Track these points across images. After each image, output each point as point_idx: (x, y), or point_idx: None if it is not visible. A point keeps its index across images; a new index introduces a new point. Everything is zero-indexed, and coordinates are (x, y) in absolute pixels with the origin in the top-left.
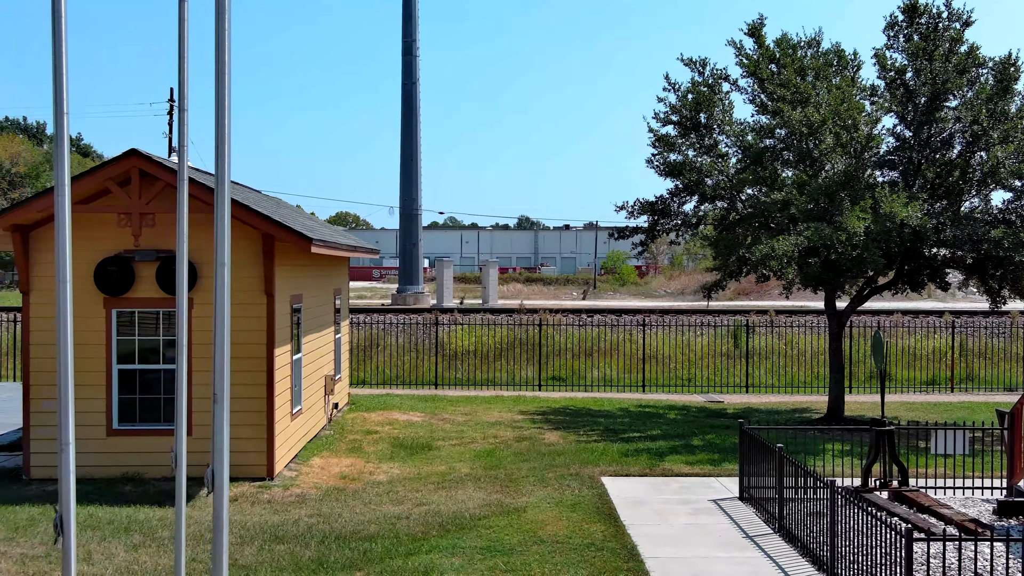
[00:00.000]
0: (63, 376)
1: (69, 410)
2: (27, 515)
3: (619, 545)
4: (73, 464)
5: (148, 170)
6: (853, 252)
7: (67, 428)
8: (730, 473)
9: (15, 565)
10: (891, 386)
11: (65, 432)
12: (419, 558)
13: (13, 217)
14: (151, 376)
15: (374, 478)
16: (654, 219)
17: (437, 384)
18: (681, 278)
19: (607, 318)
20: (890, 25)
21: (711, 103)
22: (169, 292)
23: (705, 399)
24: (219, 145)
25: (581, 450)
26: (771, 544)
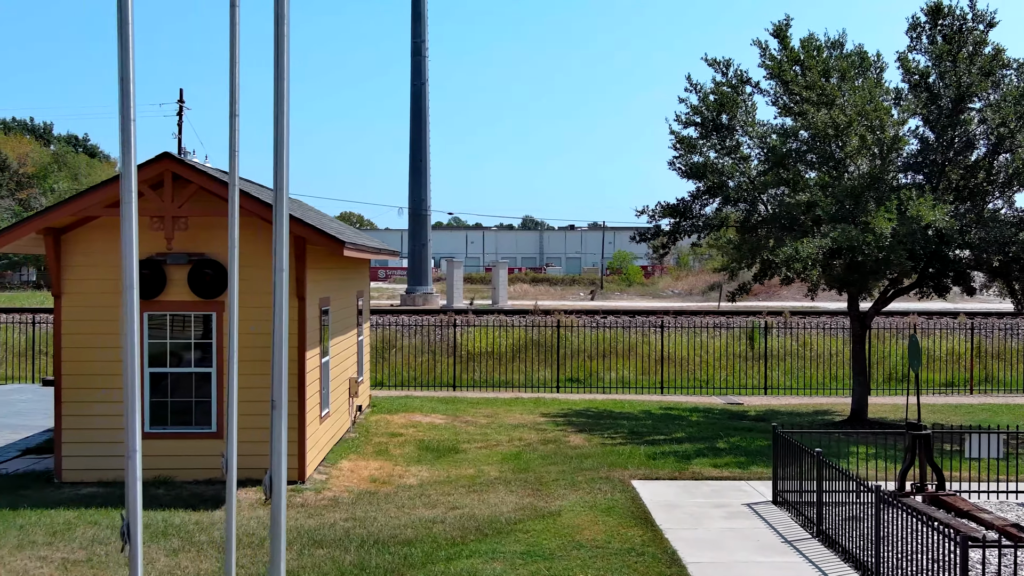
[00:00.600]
0: (129, 383)
1: (135, 417)
2: (63, 519)
3: (659, 550)
4: (139, 471)
5: (181, 173)
6: (879, 254)
7: (134, 435)
8: (759, 476)
9: (58, 570)
10: (909, 388)
11: (132, 439)
12: (460, 563)
13: (46, 220)
14: (181, 379)
15: (404, 481)
16: (676, 221)
17: (455, 386)
18: (688, 278)
19: (620, 319)
20: (912, 27)
21: (734, 104)
22: (201, 295)
23: (725, 401)
24: (277, 155)
25: (607, 453)
26: (811, 549)
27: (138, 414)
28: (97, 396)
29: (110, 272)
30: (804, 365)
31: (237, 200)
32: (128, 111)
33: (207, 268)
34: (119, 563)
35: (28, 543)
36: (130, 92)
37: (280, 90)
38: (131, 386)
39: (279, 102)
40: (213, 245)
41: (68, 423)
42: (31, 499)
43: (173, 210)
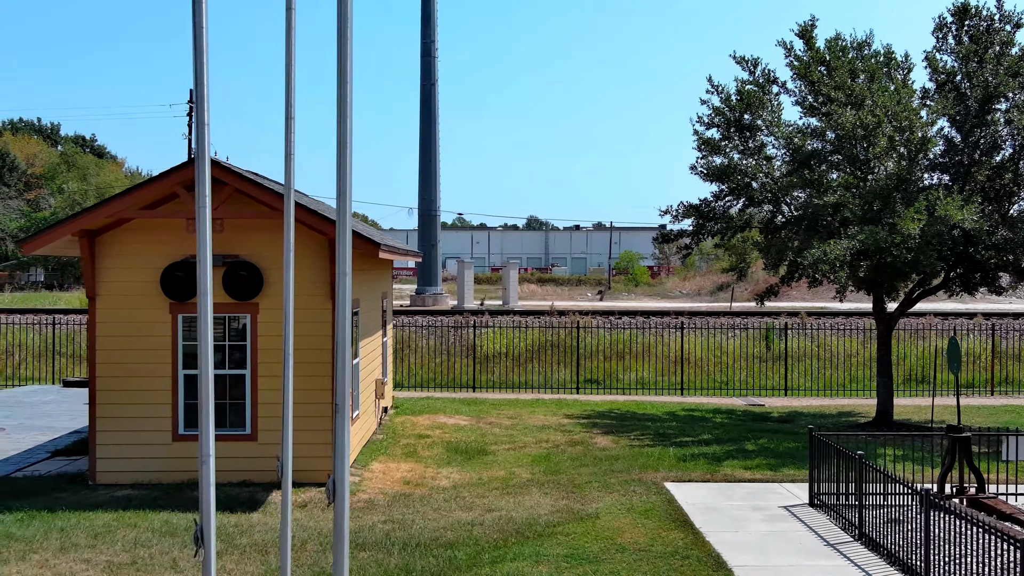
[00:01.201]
0: (204, 388)
1: (210, 422)
2: (102, 522)
3: (703, 553)
4: (213, 476)
5: (216, 175)
6: (908, 255)
7: (208, 439)
8: (792, 479)
9: (103, 573)
10: (927, 389)
11: (206, 444)
12: (505, 566)
13: (82, 222)
14: (216, 381)
15: (437, 483)
16: (699, 222)
17: (475, 387)
18: (696, 279)
19: (635, 320)
20: (939, 27)
21: (761, 103)
22: (235, 297)
23: (746, 402)
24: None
25: (637, 455)
26: (854, 552)
27: (211, 419)
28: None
29: (144, 274)
30: (822, 366)
31: (292, 201)
32: (202, 115)
33: (242, 270)
34: (164, 566)
35: (71, 545)
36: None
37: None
38: (205, 391)
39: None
40: (248, 247)
41: (102, 425)
42: (68, 501)
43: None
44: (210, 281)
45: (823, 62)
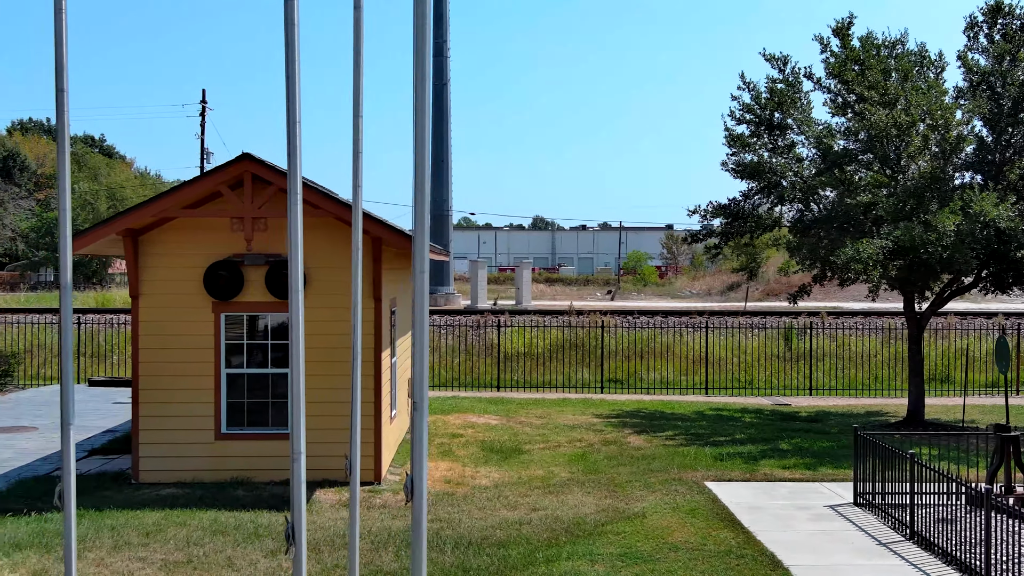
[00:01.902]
0: (295, 388)
1: (301, 421)
2: (152, 520)
3: (756, 552)
4: (304, 473)
5: (260, 174)
6: (943, 253)
7: (299, 437)
8: (832, 478)
9: (160, 571)
10: (950, 388)
11: (297, 442)
12: (560, 565)
13: (126, 221)
14: (258, 380)
15: (477, 482)
16: (727, 221)
17: (499, 386)
18: (705, 279)
19: (653, 319)
20: (970, 26)
21: (792, 101)
22: (278, 296)
23: (772, 402)
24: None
25: (672, 454)
26: (908, 551)
27: (303, 416)
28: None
29: (187, 273)
30: (844, 366)
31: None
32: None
33: (285, 269)
34: (219, 564)
35: (123, 544)
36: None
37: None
38: (296, 390)
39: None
40: None
41: (145, 424)
42: (114, 500)
43: (253, 211)
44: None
45: (857, 60)
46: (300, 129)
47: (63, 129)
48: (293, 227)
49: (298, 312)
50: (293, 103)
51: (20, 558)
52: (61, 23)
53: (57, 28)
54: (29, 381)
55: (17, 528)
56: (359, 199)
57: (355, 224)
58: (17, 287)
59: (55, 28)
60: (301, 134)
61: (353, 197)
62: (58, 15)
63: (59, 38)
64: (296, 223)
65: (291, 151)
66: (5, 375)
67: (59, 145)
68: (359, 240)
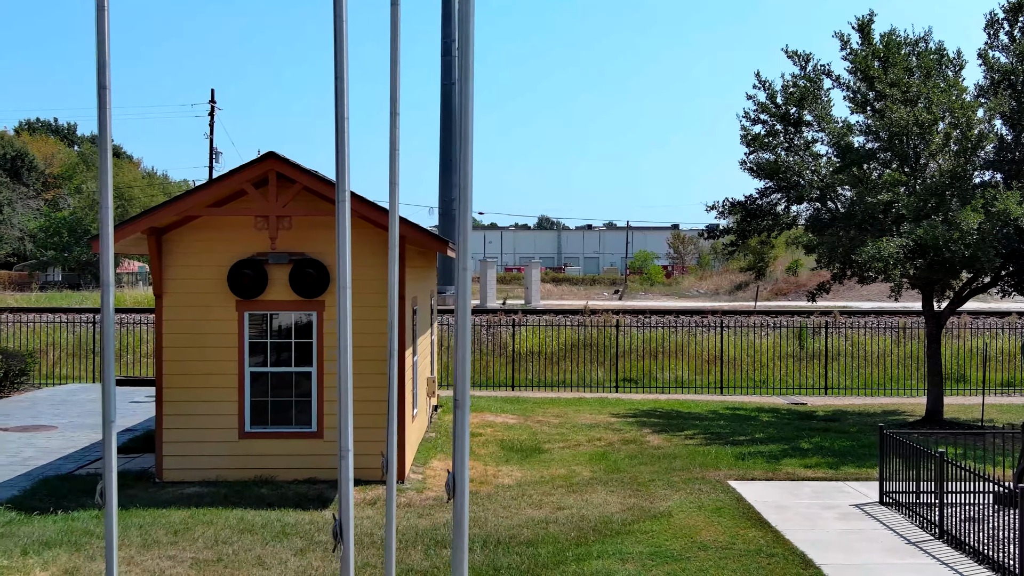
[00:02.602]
0: (343, 387)
1: (348, 419)
2: (179, 518)
3: (787, 551)
4: (351, 471)
5: (285, 172)
6: (966, 251)
7: (347, 435)
8: (855, 477)
9: (192, 569)
10: (966, 388)
11: (345, 439)
12: (591, 564)
13: (151, 220)
14: (280, 379)
15: (500, 481)
16: (745, 219)
17: (513, 386)
18: (713, 278)
19: (665, 319)
20: (990, 23)
21: (814, 98)
22: (302, 295)
23: (788, 401)
24: (463, 168)
25: (693, 453)
26: (938, 550)
27: (350, 415)
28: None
29: (211, 272)
30: (859, 365)
31: (397, 202)
32: (343, 120)
33: (310, 268)
34: (249, 563)
35: (152, 542)
36: (344, 99)
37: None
38: (344, 387)
39: (464, 119)
40: (315, 244)
41: (169, 423)
42: (139, 499)
43: (277, 209)
44: (348, 273)
45: (880, 57)
46: (347, 133)
47: (105, 126)
48: (341, 229)
49: (346, 311)
50: (341, 106)
51: (50, 556)
52: (103, 21)
53: (99, 26)
54: (44, 380)
55: (45, 527)
56: (396, 198)
57: (392, 225)
58: (27, 287)
59: (97, 26)
60: (349, 139)
61: (390, 196)
62: (100, 13)
63: (101, 36)
64: (344, 224)
65: (339, 155)
66: (22, 374)
67: (101, 143)
68: (395, 238)
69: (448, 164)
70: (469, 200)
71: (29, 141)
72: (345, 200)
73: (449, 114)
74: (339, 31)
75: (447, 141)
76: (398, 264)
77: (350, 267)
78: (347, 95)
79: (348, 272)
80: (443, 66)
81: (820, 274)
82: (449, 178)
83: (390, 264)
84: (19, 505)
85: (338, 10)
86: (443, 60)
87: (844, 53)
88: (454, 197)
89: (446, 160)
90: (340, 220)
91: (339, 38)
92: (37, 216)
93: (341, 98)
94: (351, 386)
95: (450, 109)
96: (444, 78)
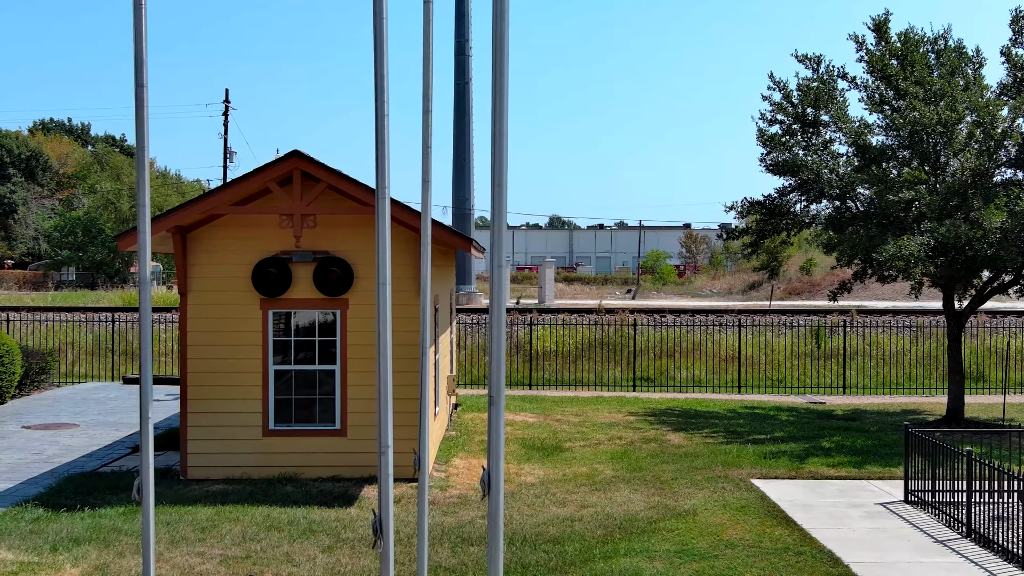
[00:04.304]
0: (383, 384)
1: (388, 416)
2: (205, 516)
3: (815, 549)
4: (391, 467)
5: (309, 171)
6: (988, 251)
7: (387, 432)
8: (879, 476)
9: (221, 566)
10: (985, 387)
11: (385, 436)
12: (619, 561)
13: (177, 218)
14: (305, 377)
15: (523, 480)
16: (764, 218)
17: (531, 384)
18: (725, 277)
19: (680, 318)
20: (1015, 20)
21: (830, 99)
22: (325, 293)
23: (806, 400)
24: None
25: (714, 452)
26: (967, 549)
27: (390, 411)
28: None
29: (235, 270)
30: (876, 364)
31: (429, 200)
32: (383, 118)
33: (333, 266)
34: (278, 559)
35: (180, 539)
36: (384, 96)
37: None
38: (384, 384)
39: (498, 120)
40: (339, 243)
41: (194, 420)
42: (164, 496)
43: (302, 208)
44: (388, 269)
45: (898, 56)
46: (387, 131)
47: (143, 123)
48: (381, 225)
49: (386, 308)
50: (381, 103)
51: (80, 553)
52: (141, 19)
53: (136, 25)
54: (63, 379)
55: (73, 524)
56: (428, 196)
57: (424, 223)
58: (42, 286)
59: (134, 25)
60: (388, 137)
61: (423, 193)
62: (137, 11)
63: (138, 35)
64: (384, 220)
65: (379, 153)
66: (42, 372)
67: (138, 140)
68: (427, 235)
69: (461, 164)
70: (504, 199)
71: (43, 141)
72: (385, 197)
73: (462, 114)
74: (379, 28)
75: (460, 141)
76: (430, 262)
77: (389, 264)
78: (387, 92)
79: (388, 269)
80: (456, 66)
81: (836, 273)
82: (462, 178)
83: (422, 262)
84: (46, 502)
85: (378, 7)
86: (456, 60)
87: (860, 54)
88: (467, 197)
89: (459, 160)
90: (380, 217)
91: (379, 36)
92: (51, 216)
93: (381, 96)
94: (391, 382)
95: (463, 109)
96: (458, 78)
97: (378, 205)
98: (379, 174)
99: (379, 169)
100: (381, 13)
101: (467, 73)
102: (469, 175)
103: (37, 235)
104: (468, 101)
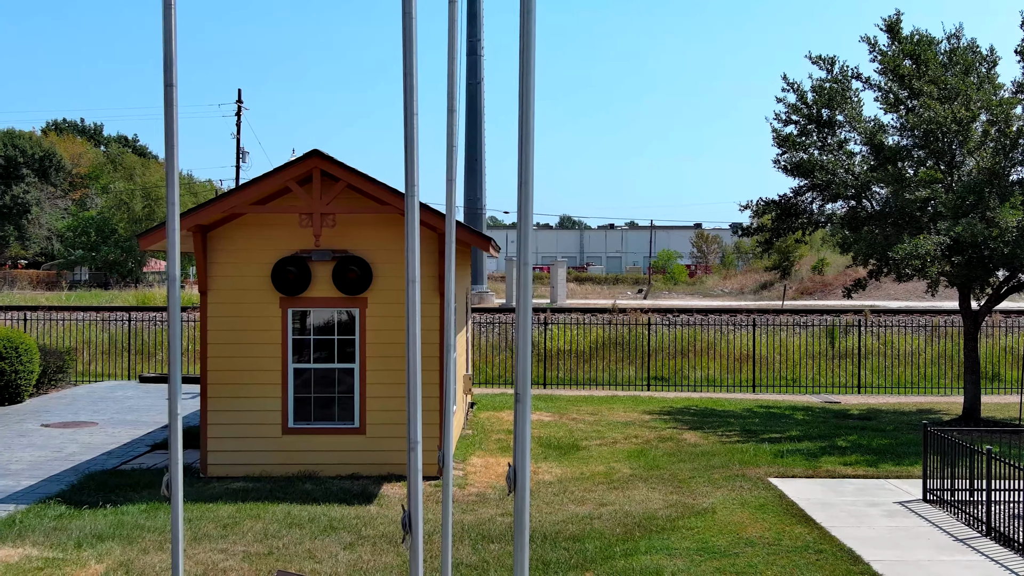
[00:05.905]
0: (412, 381)
1: (418, 412)
2: (225, 513)
3: (835, 548)
4: (420, 463)
5: (329, 170)
6: (1005, 249)
7: (416, 428)
8: (896, 475)
9: (244, 562)
10: (1000, 386)
11: (414, 432)
12: (639, 559)
13: (198, 218)
14: (324, 375)
15: (540, 478)
16: (779, 218)
17: (545, 384)
18: (737, 277)
19: (693, 317)
20: None
21: (844, 99)
22: (345, 292)
23: (821, 400)
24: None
25: (730, 451)
26: (987, 547)
27: (419, 409)
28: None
29: (255, 269)
30: (891, 364)
31: (454, 201)
32: (411, 116)
33: (352, 265)
34: (300, 556)
35: (203, 536)
36: (413, 95)
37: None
38: (413, 381)
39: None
40: (357, 242)
41: (214, 418)
42: (186, 494)
43: (321, 207)
44: (418, 279)
45: (911, 55)
46: (416, 129)
47: (172, 122)
48: (410, 224)
49: (415, 306)
50: (411, 101)
51: (104, 549)
52: (170, 20)
53: (166, 26)
54: (79, 378)
55: (96, 520)
56: (452, 194)
57: (448, 222)
58: (56, 286)
59: (164, 25)
60: (417, 135)
61: (447, 192)
62: (167, 11)
63: (168, 36)
64: (413, 219)
65: (408, 152)
66: (59, 371)
67: (167, 139)
68: (452, 238)
69: (473, 164)
70: (530, 199)
71: (56, 141)
72: (414, 195)
73: (474, 114)
74: (407, 29)
75: (472, 141)
76: (454, 262)
77: (418, 261)
78: (416, 91)
79: (416, 267)
80: (468, 66)
81: (848, 272)
82: (474, 178)
83: (446, 262)
84: (68, 499)
85: (407, 8)
86: (468, 60)
87: (873, 55)
88: (479, 196)
89: (471, 160)
90: (409, 215)
91: (407, 36)
92: (65, 216)
93: (410, 95)
94: (420, 380)
95: (475, 109)
96: (470, 78)
97: (407, 203)
98: (408, 173)
99: (408, 168)
100: (410, 14)
101: (479, 73)
102: (481, 174)
103: (50, 235)
104: (480, 101)
